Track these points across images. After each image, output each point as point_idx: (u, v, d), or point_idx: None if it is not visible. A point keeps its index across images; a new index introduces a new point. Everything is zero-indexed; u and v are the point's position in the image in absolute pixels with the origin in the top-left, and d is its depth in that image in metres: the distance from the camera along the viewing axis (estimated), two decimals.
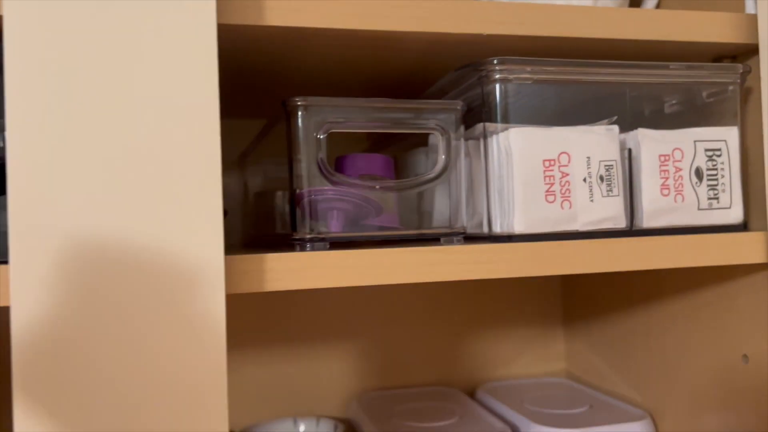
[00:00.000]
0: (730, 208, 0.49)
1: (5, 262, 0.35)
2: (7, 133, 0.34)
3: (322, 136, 0.42)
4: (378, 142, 0.65)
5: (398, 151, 0.60)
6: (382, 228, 0.47)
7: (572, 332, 0.82)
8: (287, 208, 0.63)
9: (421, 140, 0.54)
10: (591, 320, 0.77)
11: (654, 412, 0.66)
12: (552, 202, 0.45)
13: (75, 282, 0.34)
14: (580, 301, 0.80)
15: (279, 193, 0.63)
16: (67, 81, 0.35)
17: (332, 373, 0.77)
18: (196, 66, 0.36)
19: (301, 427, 0.72)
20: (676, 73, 0.50)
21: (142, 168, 0.35)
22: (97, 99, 0.35)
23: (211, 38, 0.37)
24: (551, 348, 0.83)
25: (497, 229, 0.45)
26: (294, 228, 0.43)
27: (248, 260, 0.39)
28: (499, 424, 0.63)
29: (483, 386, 0.77)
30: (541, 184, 0.44)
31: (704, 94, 0.52)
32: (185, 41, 0.36)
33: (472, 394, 0.77)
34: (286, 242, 0.49)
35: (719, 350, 0.57)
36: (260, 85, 0.57)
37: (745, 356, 0.54)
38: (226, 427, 0.36)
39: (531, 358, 0.83)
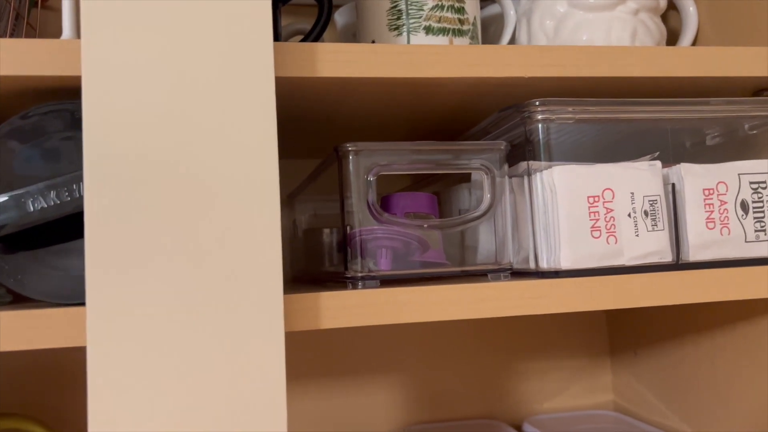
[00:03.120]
0: None
1: (83, 303, 0.38)
2: (86, 182, 0.37)
3: (371, 179, 0.44)
4: (422, 179, 0.67)
5: (441, 186, 0.61)
6: (429, 264, 0.48)
7: (619, 363, 0.81)
8: (335, 245, 0.65)
9: (463, 176, 0.56)
10: (639, 351, 0.77)
11: None
12: (598, 237, 0.46)
13: (144, 321, 0.37)
14: (626, 332, 0.80)
15: (326, 231, 0.65)
16: (141, 135, 0.37)
17: (379, 405, 0.78)
18: (257, 117, 0.39)
19: None
20: (716, 109, 0.51)
21: (208, 209, 0.38)
22: (168, 150, 0.38)
23: (269, 90, 0.39)
24: (598, 380, 0.83)
25: (544, 264, 0.46)
26: (346, 266, 0.45)
27: (305, 299, 0.41)
28: None
29: (529, 419, 0.77)
30: (587, 220, 0.46)
31: (746, 126, 0.53)
32: (247, 95, 0.39)
33: (518, 427, 0.76)
34: (335, 279, 0.51)
35: None
36: (312, 128, 0.60)
37: None
38: None
39: (578, 390, 0.82)
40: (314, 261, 0.63)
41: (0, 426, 0.53)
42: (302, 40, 0.60)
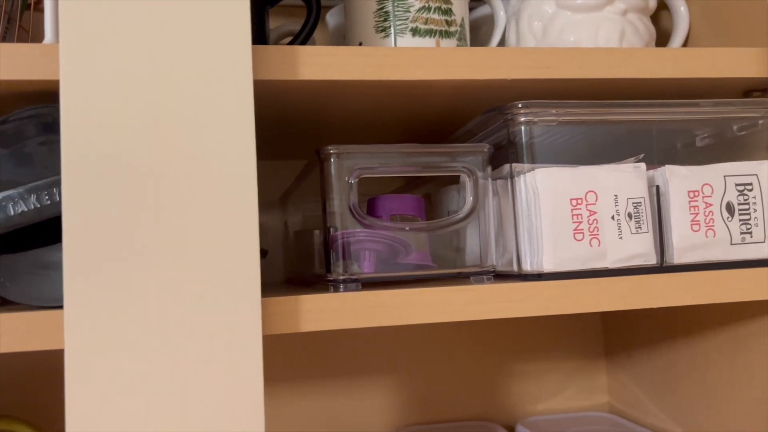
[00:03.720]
0: (764, 242, 0.48)
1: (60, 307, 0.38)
2: (64, 186, 0.37)
3: (353, 182, 0.44)
4: (411, 181, 0.67)
5: (431, 188, 0.61)
6: (413, 267, 0.48)
7: (614, 365, 0.81)
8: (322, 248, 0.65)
9: (453, 178, 0.56)
10: (633, 353, 0.77)
11: None
12: (581, 240, 0.45)
13: (122, 322, 0.37)
14: (621, 334, 0.79)
15: (316, 232, 0.65)
16: (118, 139, 0.38)
17: (373, 407, 0.78)
18: (235, 120, 0.39)
19: None
20: (705, 110, 0.50)
21: (185, 213, 0.38)
22: (146, 154, 0.38)
23: (247, 94, 0.39)
24: (593, 381, 0.82)
25: (527, 267, 0.46)
26: (328, 269, 0.45)
27: (284, 302, 0.41)
28: None
29: (522, 421, 0.76)
30: (569, 223, 0.45)
31: (735, 127, 0.53)
32: (225, 98, 0.39)
33: (512, 428, 0.76)
34: (323, 281, 0.51)
35: (763, 383, 0.55)
36: (301, 129, 0.60)
37: None
38: None
39: (573, 392, 0.82)
40: (305, 262, 0.64)
41: None
42: (290, 42, 0.60)
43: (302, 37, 0.59)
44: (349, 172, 0.44)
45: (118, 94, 0.38)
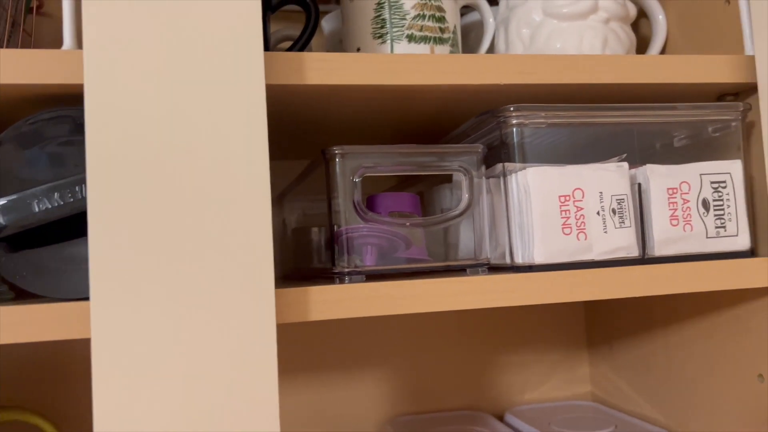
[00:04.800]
0: (737, 236, 0.52)
1: (84, 298, 0.40)
2: (89, 184, 0.39)
3: (357, 180, 0.47)
4: (405, 180, 0.70)
5: (424, 187, 0.64)
6: (411, 260, 0.51)
7: (597, 356, 0.84)
8: (323, 243, 0.68)
9: (445, 177, 0.59)
10: (614, 344, 0.80)
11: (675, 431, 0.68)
12: (568, 234, 0.49)
13: (145, 312, 0.39)
14: (603, 326, 0.83)
15: (315, 229, 0.68)
16: (140, 140, 0.40)
17: (367, 398, 0.80)
18: (249, 122, 0.41)
19: None
20: (682, 113, 0.54)
21: (203, 209, 0.40)
22: (166, 154, 0.40)
23: (260, 97, 0.42)
24: (576, 372, 0.86)
25: (519, 260, 0.49)
26: (333, 263, 0.47)
27: (295, 293, 0.44)
28: None
29: (511, 410, 0.80)
30: (558, 218, 0.49)
31: (710, 129, 0.56)
32: (239, 101, 0.41)
33: (500, 417, 0.80)
34: (324, 275, 0.53)
35: (736, 370, 0.59)
36: (301, 131, 0.63)
37: (760, 375, 0.56)
38: None
39: (557, 382, 0.85)
40: (303, 259, 0.66)
41: (3, 418, 0.55)
42: (290, 48, 0.62)
43: (301, 43, 0.62)
44: (353, 171, 0.47)
45: (138, 98, 0.40)
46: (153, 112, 0.40)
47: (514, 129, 0.49)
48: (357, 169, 0.47)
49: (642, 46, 0.70)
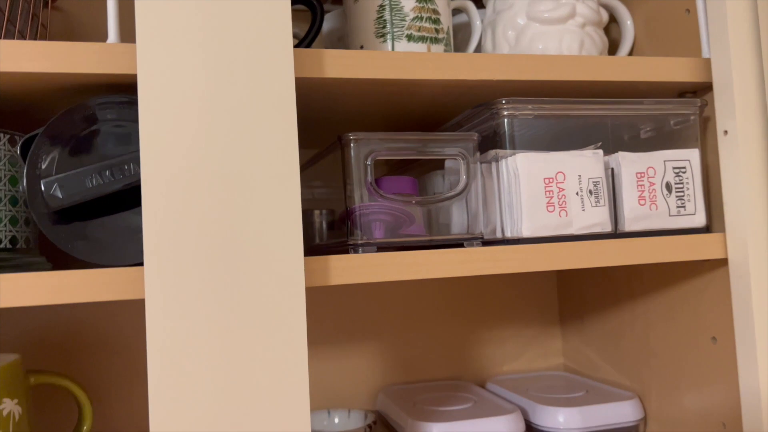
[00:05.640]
0: (695, 214, 0.60)
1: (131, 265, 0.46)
2: (142, 164, 0.45)
3: (369, 163, 0.54)
4: (401, 166, 0.76)
5: (416, 174, 0.71)
6: (413, 235, 0.58)
7: (568, 331, 0.93)
8: (324, 224, 0.74)
9: (437, 165, 0.66)
10: (585, 319, 0.88)
11: (641, 394, 0.76)
12: (552, 211, 0.56)
13: (193, 275, 0.45)
14: (573, 303, 0.91)
15: (317, 212, 0.74)
16: (186, 124, 0.46)
17: (359, 370, 0.87)
18: (281, 110, 0.47)
19: (335, 418, 0.82)
20: (648, 107, 0.62)
21: (244, 187, 0.46)
22: (209, 136, 0.46)
23: (290, 88, 0.48)
24: (550, 345, 0.94)
25: (508, 234, 0.56)
26: (349, 235, 0.54)
27: (318, 261, 0.50)
28: (509, 406, 0.73)
29: (492, 379, 0.87)
30: (543, 198, 0.56)
31: (672, 122, 0.64)
32: (273, 91, 0.47)
33: (482, 386, 0.87)
34: (326, 252, 0.60)
35: (693, 335, 0.68)
36: (312, 121, 0.69)
37: (713, 338, 0.65)
38: (307, 395, 0.46)
39: (533, 355, 0.93)
40: (306, 238, 0.72)
41: (37, 381, 0.60)
42: (297, 45, 0.68)
43: (308, 41, 0.68)
44: (366, 155, 0.53)
45: (185, 88, 0.46)
46: (196, 101, 0.46)
47: (506, 120, 0.56)
48: (369, 153, 0.53)
49: (613, 47, 0.78)
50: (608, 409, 0.73)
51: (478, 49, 0.72)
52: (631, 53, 0.76)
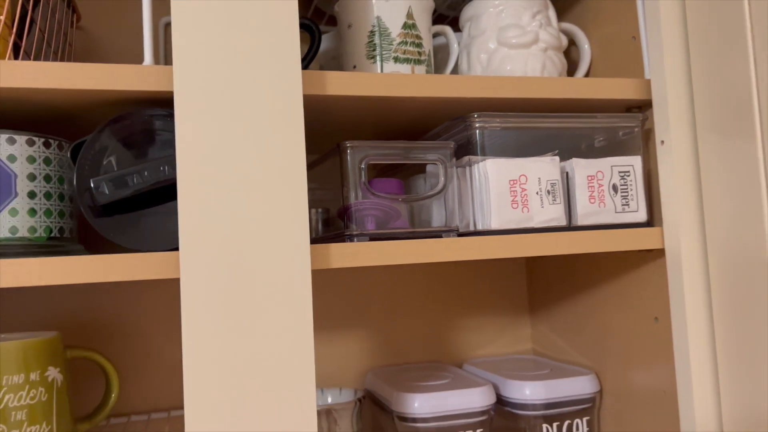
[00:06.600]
0: (637, 211, 0.71)
1: (177, 248, 0.55)
2: (179, 167, 0.54)
3: (363, 167, 0.64)
4: (384, 170, 0.87)
5: (403, 176, 0.81)
6: (400, 228, 0.68)
7: (536, 319, 1.03)
8: (320, 221, 0.84)
9: (418, 169, 0.76)
10: (551, 307, 0.99)
11: (599, 371, 0.87)
12: (516, 208, 0.66)
13: (223, 264, 0.55)
14: (541, 293, 1.02)
15: (313, 210, 0.84)
16: (212, 132, 0.56)
17: (350, 353, 0.97)
18: (291, 122, 0.57)
19: (328, 397, 0.91)
20: (600, 121, 0.73)
21: (258, 187, 0.56)
22: (229, 143, 0.56)
23: (299, 104, 0.58)
24: (520, 332, 1.05)
25: (480, 227, 0.67)
26: (345, 228, 0.64)
27: (321, 248, 0.60)
28: (482, 380, 0.84)
29: (468, 362, 0.98)
30: (508, 196, 0.66)
31: (620, 133, 0.75)
32: (285, 106, 0.57)
33: (459, 367, 0.97)
34: (330, 242, 0.70)
35: (639, 316, 0.78)
36: (314, 130, 0.79)
37: (656, 318, 0.75)
38: (312, 368, 0.56)
39: (504, 341, 1.04)
40: None
41: (71, 355, 0.69)
42: None
43: (306, 62, 0.78)
44: (360, 159, 0.63)
45: (212, 99, 0.56)
46: (223, 112, 0.56)
47: (477, 131, 0.67)
48: (363, 158, 0.64)
49: (574, 67, 0.89)
50: (568, 383, 0.83)
51: (456, 68, 0.83)
52: (588, 72, 0.87)
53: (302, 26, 0.78)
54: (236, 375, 0.54)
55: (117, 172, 0.57)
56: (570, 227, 0.69)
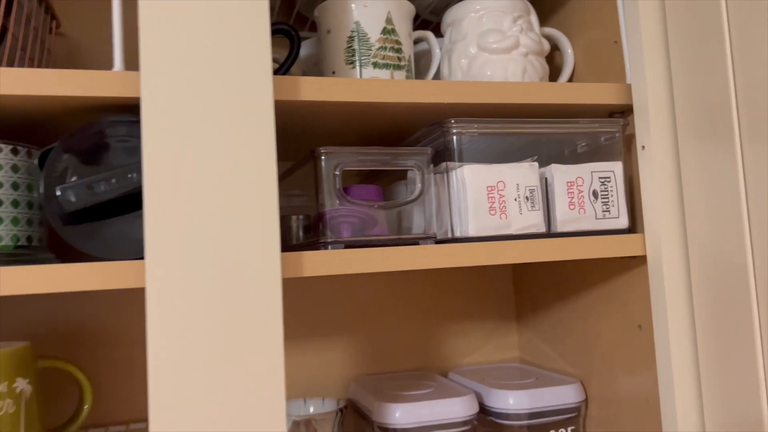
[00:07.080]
0: (618, 217, 0.70)
1: (142, 258, 0.54)
2: (144, 173, 0.53)
3: (338, 173, 0.63)
4: (368, 176, 0.86)
5: (384, 183, 0.80)
6: (377, 235, 0.67)
7: (523, 326, 1.02)
8: (301, 227, 0.83)
9: (400, 175, 0.75)
10: (538, 314, 0.98)
11: (584, 379, 0.86)
12: (494, 215, 0.65)
13: (190, 271, 0.54)
14: (528, 300, 1.01)
15: (294, 217, 0.83)
16: (182, 141, 0.55)
17: (333, 362, 0.96)
18: (261, 128, 0.56)
19: (311, 407, 0.90)
20: (582, 126, 0.72)
21: (230, 192, 0.55)
22: (198, 149, 0.55)
23: (270, 110, 0.57)
24: (507, 339, 1.03)
25: (458, 233, 0.66)
26: (321, 235, 0.63)
27: (293, 256, 0.59)
28: (465, 390, 0.82)
29: (454, 370, 0.96)
30: (486, 203, 0.65)
31: (602, 138, 0.74)
32: (255, 111, 0.56)
33: (445, 376, 0.96)
34: (307, 248, 0.68)
35: (623, 324, 0.77)
36: (287, 136, 0.78)
37: (639, 326, 0.74)
38: (282, 369, 0.55)
39: (491, 348, 1.03)
40: (284, 240, 0.81)
41: (43, 365, 0.68)
42: (276, 71, 0.77)
43: (285, 67, 0.77)
44: (335, 166, 0.62)
45: (180, 106, 0.55)
46: (191, 118, 0.55)
47: (455, 137, 0.66)
48: (338, 164, 0.63)
49: (557, 72, 0.88)
50: (553, 392, 0.82)
51: (438, 73, 0.82)
52: (572, 77, 0.86)
53: (281, 31, 0.77)
54: (202, 386, 0.53)
55: (84, 180, 0.56)
56: (549, 234, 0.68)
